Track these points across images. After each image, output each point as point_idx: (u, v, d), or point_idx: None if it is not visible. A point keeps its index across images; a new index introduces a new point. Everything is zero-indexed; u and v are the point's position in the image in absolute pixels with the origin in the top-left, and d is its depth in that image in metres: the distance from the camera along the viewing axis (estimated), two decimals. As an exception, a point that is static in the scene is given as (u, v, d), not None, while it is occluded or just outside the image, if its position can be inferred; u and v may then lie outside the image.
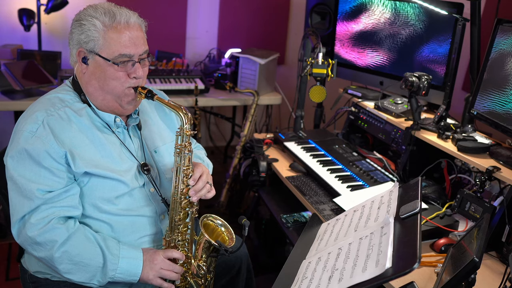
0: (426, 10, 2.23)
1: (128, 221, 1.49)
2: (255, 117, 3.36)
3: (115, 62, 1.41)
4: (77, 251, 1.38)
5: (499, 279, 1.50)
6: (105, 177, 1.44)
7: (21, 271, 1.63)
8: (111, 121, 1.50)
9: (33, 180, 1.37)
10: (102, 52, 1.41)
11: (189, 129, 1.47)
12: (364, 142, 2.61)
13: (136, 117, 1.58)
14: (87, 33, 1.40)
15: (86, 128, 1.45)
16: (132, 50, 1.42)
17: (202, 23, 3.89)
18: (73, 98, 1.49)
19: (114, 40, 1.40)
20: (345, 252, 1.25)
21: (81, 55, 1.44)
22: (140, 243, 1.51)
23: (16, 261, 1.66)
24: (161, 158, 1.61)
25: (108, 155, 1.47)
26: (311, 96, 2.42)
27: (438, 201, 1.95)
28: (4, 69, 2.83)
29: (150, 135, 1.62)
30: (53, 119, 1.41)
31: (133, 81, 1.46)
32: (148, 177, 1.54)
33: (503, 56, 1.82)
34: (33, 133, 1.38)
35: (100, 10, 1.41)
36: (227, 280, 1.81)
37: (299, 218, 2.14)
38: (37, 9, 3.13)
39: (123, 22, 1.41)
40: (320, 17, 2.87)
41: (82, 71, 1.47)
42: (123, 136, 1.53)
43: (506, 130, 1.80)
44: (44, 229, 1.36)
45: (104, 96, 1.47)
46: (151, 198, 1.55)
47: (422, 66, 2.35)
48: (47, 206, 1.37)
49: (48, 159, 1.37)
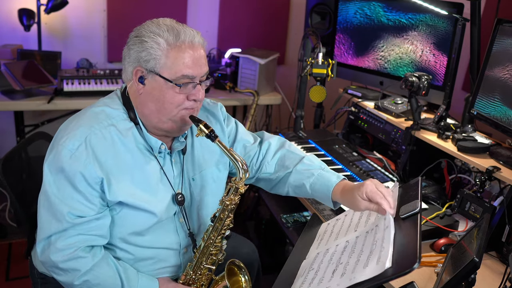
0: (426, 10, 2.23)
1: (152, 253, 1.46)
2: (255, 117, 3.36)
3: (177, 84, 1.32)
4: (97, 281, 1.35)
5: (499, 279, 1.50)
6: (138, 208, 1.38)
7: (30, 267, 1.62)
8: (157, 146, 1.41)
9: (66, 202, 1.31)
10: (163, 72, 1.32)
11: (242, 186, 1.41)
12: (364, 142, 2.61)
13: (182, 141, 1.47)
14: (148, 51, 1.31)
15: (127, 152, 1.37)
16: (195, 71, 1.33)
17: (202, 23, 3.89)
18: (120, 115, 1.39)
19: (177, 60, 1.31)
20: (345, 252, 1.25)
21: (138, 74, 1.35)
22: (158, 273, 1.49)
23: (25, 257, 1.65)
24: (197, 188, 1.54)
25: (145, 182, 1.40)
26: (311, 96, 2.42)
27: (438, 201, 1.95)
28: (4, 69, 2.83)
29: (191, 161, 1.53)
30: (96, 138, 1.33)
31: (190, 103, 1.36)
32: (180, 207, 1.48)
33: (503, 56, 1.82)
34: (73, 152, 1.30)
35: (163, 27, 1.32)
36: None
37: (299, 218, 2.14)
38: (37, 9, 3.13)
39: (187, 41, 1.32)
40: (320, 17, 2.87)
41: (138, 91, 1.37)
42: (163, 161, 1.45)
43: (506, 130, 1.80)
44: (69, 257, 1.32)
45: (160, 118, 1.37)
46: (178, 229, 1.50)
47: (422, 66, 2.36)
48: (75, 231, 1.32)
49: (83, 183, 1.31)
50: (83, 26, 3.48)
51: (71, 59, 3.35)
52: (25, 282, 1.65)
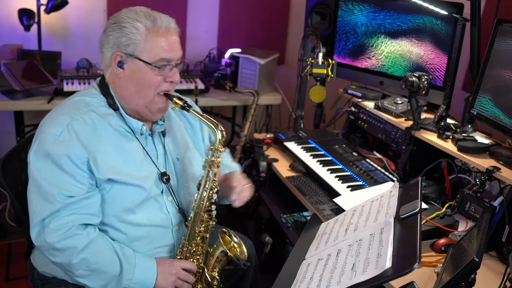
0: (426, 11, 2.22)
1: (145, 232, 1.49)
2: (255, 117, 3.36)
3: (156, 66, 1.41)
4: (95, 258, 1.37)
5: (499, 279, 1.50)
6: (126, 183, 1.43)
7: (29, 269, 1.63)
8: (138, 128, 1.49)
9: (55, 184, 1.36)
10: (143, 56, 1.40)
11: (222, 146, 1.48)
12: (364, 142, 2.61)
13: (162, 123, 1.57)
14: (128, 36, 1.39)
15: (109, 134, 1.44)
16: (172, 54, 1.43)
17: (202, 23, 3.88)
18: (99, 102, 1.47)
19: (155, 44, 1.40)
20: (345, 252, 1.25)
21: (117, 59, 1.42)
22: (154, 253, 1.51)
23: (25, 259, 1.66)
24: (183, 166, 1.61)
25: (130, 161, 1.46)
26: (311, 96, 2.42)
27: (438, 201, 1.95)
28: (4, 69, 2.83)
29: (174, 143, 1.61)
30: (77, 123, 1.39)
31: (167, 85, 1.46)
32: (167, 186, 1.53)
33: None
34: (57, 137, 1.36)
35: (140, 14, 1.41)
36: (234, 281, 1.82)
37: (299, 218, 2.14)
38: (37, 9, 3.13)
39: (164, 27, 1.42)
40: (320, 17, 2.87)
41: (117, 76, 1.45)
42: (146, 143, 1.52)
43: (506, 130, 1.80)
44: (64, 236, 1.35)
45: (138, 101, 1.46)
46: (168, 207, 1.54)
47: (422, 66, 2.36)
48: (67, 211, 1.36)
49: (70, 164, 1.35)
50: (83, 26, 3.48)
51: (71, 59, 3.35)
52: (25, 282, 1.65)
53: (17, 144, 1.82)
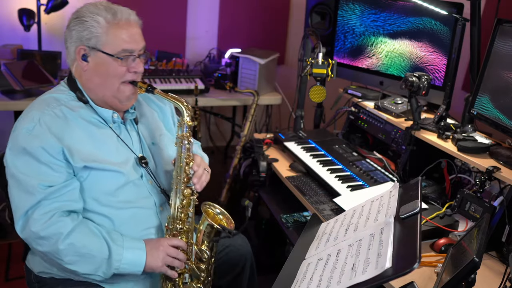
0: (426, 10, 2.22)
1: (129, 214, 1.51)
2: (255, 117, 3.36)
3: (119, 57, 1.45)
4: (82, 243, 1.39)
5: (499, 279, 1.50)
6: (104, 169, 1.46)
7: (26, 272, 1.63)
8: (109, 116, 1.53)
9: (34, 176, 1.38)
10: (105, 48, 1.44)
11: (189, 120, 1.51)
12: (364, 142, 2.61)
13: (132, 112, 1.61)
14: (90, 30, 1.43)
15: (82, 125, 1.48)
16: (133, 45, 1.47)
17: (202, 23, 3.88)
18: (68, 97, 1.51)
19: (116, 36, 1.44)
20: (345, 253, 1.25)
21: (80, 53, 1.47)
22: (142, 236, 1.52)
23: (22, 260, 1.66)
24: (159, 150, 1.65)
25: (105, 148, 1.50)
26: (311, 96, 2.42)
27: (438, 201, 1.95)
28: (4, 69, 2.83)
29: (147, 129, 1.66)
30: (49, 117, 1.43)
31: (131, 75, 1.50)
32: (146, 169, 1.56)
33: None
34: (30, 131, 1.40)
35: (101, 7, 1.45)
36: (231, 277, 1.82)
37: (299, 218, 2.14)
38: (37, 9, 3.13)
39: (124, 19, 1.46)
40: (320, 17, 2.87)
41: (82, 69, 1.49)
42: (120, 131, 1.56)
43: (506, 130, 1.80)
44: (48, 223, 1.37)
45: (104, 92, 1.50)
46: (150, 190, 1.57)
47: (422, 66, 2.36)
48: (48, 201, 1.38)
49: (45, 155, 1.39)
50: (83, 26, 3.47)
51: (71, 59, 3.35)
52: (25, 283, 1.65)
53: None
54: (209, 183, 1.68)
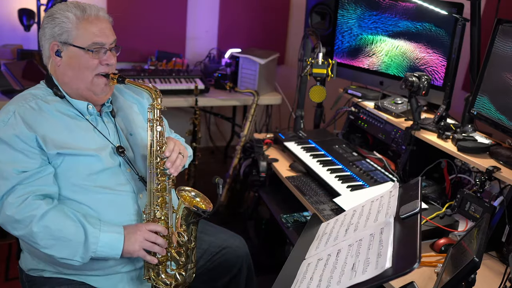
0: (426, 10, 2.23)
1: (107, 200, 1.52)
2: (255, 117, 3.36)
3: (90, 49, 1.50)
4: (57, 226, 1.41)
5: (499, 279, 1.50)
6: (78, 155, 1.49)
7: (19, 272, 1.65)
8: (84, 108, 1.56)
9: (8, 162, 1.42)
10: (76, 42, 1.50)
11: (159, 104, 1.54)
12: (364, 142, 2.61)
13: (108, 105, 1.65)
14: (60, 25, 1.49)
15: (57, 116, 1.52)
16: (103, 39, 1.52)
17: (202, 23, 3.88)
18: (44, 93, 1.56)
19: (86, 30, 1.50)
20: (345, 253, 1.25)
21: (54, 49, 1.52)
22: (121, 222, 1.53)
23: (17, 258, 1.67)
24: (137, 141, 1.67)
25: (81, 137, 1.53)
26: (311, 96, 2.42)
27: (438, 201, 1.95)
28: (4, 69, 2.83)
29: (124, 121, 1.69)
30: (23, 109, 1.47)
31: (103, 68, 1.54)
32: (124, 158, 1.59)
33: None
34: (5, 123, 1.45)
35: (70, 5, 1.52)
36: (228, 279, 1.82)
37: (299, 218, 2.14)
38: (37, 9, 3.13)
39: (93, 15, 1.52)
40: (320, 17, 2.87)
41: (56, 64, 1.54)
42: (96, 122, 1.59)
43: (506, 130, 1.80)
44: (22, 206, 1.39)
45: (78, 85, 1.54)
46: (128, 178, 1.59)
47: (422, 66, 2.36)
48: (22, 186, 1.42)
49: (20, 143, 1.43)
50: (83, 26, 3.47)
51: (71, 59, 3.35)
52: (25, 283, 1.67)
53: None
54: (209, 183, 1.68)
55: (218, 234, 1.86)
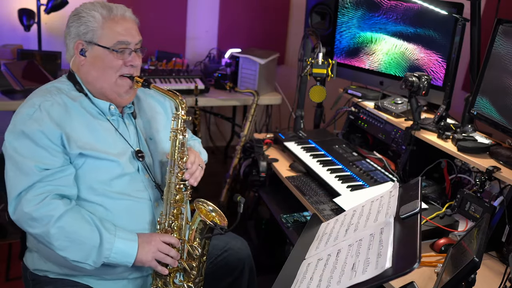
0: (426, 10, 2.23)
1: (124, 206, 1.51)
2: (255, 117, 3.36)
3: (114, 49, 1.49)
4: (73, 228, 1.39)
5: (499, 279, 1.50)
6: (99, 158, 1.48)
7: (22, 269, 1.64)
8: (106, 108, 1.55)
9: (31, 158, 1.40)
10: (101, 41, 1.49)
11: (184, 114, 1.53)
12: (364, 142, 2.61)
13: (131, 106, 1.63)
14: (86, 24, 1.48)
15: (81, 114, 1.50)
16: (128, 38, 1.51)
17: (202, 23, 3.89)
18: (69, 87, 1.55)
19: (112, 29, 1.49)
20: (345, 253, 1.25)
21: (79, 48, 1.51)
22: (135, 230, 1.52)
23: (19, 258, 1.67)
24: (156, 145, 1.66)
25: (103, 139, 1.51)
26: (311, 96, 2.42)
27: (438, 201, 1.95)
28: (4, 69, 2.83)
29: (145, 124, 1.68)
30: (49, 104, 1.46)
31: (128, 69, 1.53)
32: (142, 163, 1.57)
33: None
34: (30, 116, 1.43)
35: (97, 4, 1.51)
36: (230, 281, 1.82)
37: (299, 218, 2.14)
38: (37, 9, 3.13)
39: (119, 15, 1.51)
40: (320, 17, 2.87)
41: (80, 63, 1.53)
42: (117, 124, 1.58)
43: (506, 130, 1.80)
44: (41, 204, 1.38)
45: (102, 84, 1.53)
46: (146, 184, 1.58)
47: (422, 66, 2.36)
48: (43, 183, 1.40)
49: (44, 139, 1.41)
50: (83, 26, 3.47)
51: (71, 59, 3.35)
52: (25, 283, 1.66)
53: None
54: (209, 183, 1.68)
55: (220, 236, 1.86)
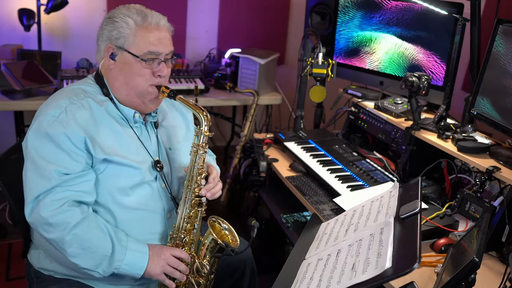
0: (427, 10, 2.23)
1: (137, 215, 1.51)
2: (255, 117, 3.36)
3: (143, 59, 1.47)
4: (87, 236, 1.39)
5: (499, 279, 1.50)
6: (122, 164, 1.47)
7: (26, 266, 1.63)
8: (130, 115, 1.54)
9: (52, 161, 1.39)
10: (131, 49, 1.47)
11: (207, 130, 1.53)
12: (364, 142, 2.61)
13: (154, 115, 1.62)
14: (119, 30, 1.47)
15: (106, 119, 1.49)
16: (159, 48, 1.49)
17: (202, 23, 3.89)
18: (95, 91, 1.53)
19: (144, 38, 1.47)
20: (345, 253, 1.25)
21: (109, 51, 1.50)
22: (146, 240, 1.52)
23: (21, 257, 1.66)
24: (175, 156, 1.65)
25: (126, 145, 1.50)
26: (311, 96, 2.42)
27: (438, 201, 1.95)
28: (4, 69, 2.83)
29: (166, 134, 1.67)
30: (75, 107, 1.44)
31: (157, 79, 1.51)
32: (160, 173, 1.57)
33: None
34: (55, 118, 1.41)
35: (133, 10, 1.49)
36: (231, 283, 1.82)
37: (299, 218, 2.14)
38: (37, 9, 3.13)
39: (153, 23, 1.49)
40: (320, 17, 2.87)
41: (109, 67, 1.52)
42: (140, 131, 1.57)
43: (506, 130, 1.80)
44: (58, 210, 1.37)
45: (128, 91, 1.52)
46: (161, 194, 1.57)
47: (422, 66, 2.36)
48: (62, 188, 1.39)
49: (67, 143, 1.40)
50: (83, 26, 3.48)
51: (71, 59, 3.35)
52: (25, 282, 1.66)
53: (15, 143, 1.82)
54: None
55: None
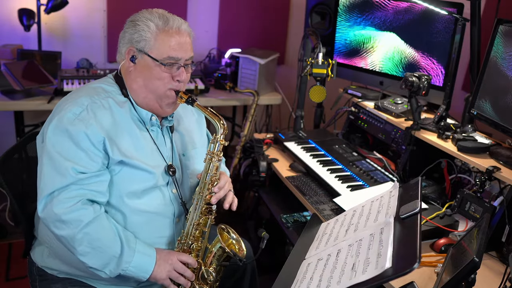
0: (427, 10, 2.23)
1: (147, 218, 1.52)
2: (255, 117, 3.36)
3: (163, 63, 1.48)
4: (98, 235, 1.40)
5: (499, 279, 1.50)
6: (137, 167, 1.48)
7: (29, 264, 1.64)
8: (147, 118, 1.55)
9: (70, 159, 1.40)
10: (152, 53, 1.48)
11: (223, 139, 1.54)
12: (364, 142, 2.61)
13: (171, 119, 1.63)
14: (140, 33, 1.48)
15: (125, 120, 1.51)
16: (179, 54, 1.49)
17: (202, 23, 3.89)
18: (115, 90, 1.54)
19: (164, 42, 1.48)
20: (345, 253, 1.25)
21: (130, 54, 1.51)
22: (153, 243, 1.53)
23: (22, 257, 1.66)
24: (188, 162, 1.66)
25: (142, 149, 1.52)
26: (311, 96, 2.42)
27: (438, 201, 1.95)
28: (4, 69, 2.83)
29: (180, 139, 1.68)
30: (96, 106, 1.46)
31: (175, 84, 1.52)
32: (172, 178, 1.58)
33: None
34: (77, 115, 1.42)
35: (155, 14, 1.50)
36: (232, 282, 1.82)
37: (299, 218, 2.14)
38: (37, 9, 3.13)
39: (175, 28, 1.49)
40: (320, 17, 2.87)
41: (128, 69, 1.53)
42: (156, 135, 1.58)
43: (506, 130, 1.80)
44: (71, 208, 1.38)
45: (147, 94, 1.53)
46: (172, 199, 1.58)
47: (422, 66, 2.36)
48: (77, 186, 1.40)
49: (87, 142, 1.41)
50: (83, 26, 3.48)
51: (71, 59, 3.35)
52: (25, 282, 1.66)
53: (16, 143, 1.82)
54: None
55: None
